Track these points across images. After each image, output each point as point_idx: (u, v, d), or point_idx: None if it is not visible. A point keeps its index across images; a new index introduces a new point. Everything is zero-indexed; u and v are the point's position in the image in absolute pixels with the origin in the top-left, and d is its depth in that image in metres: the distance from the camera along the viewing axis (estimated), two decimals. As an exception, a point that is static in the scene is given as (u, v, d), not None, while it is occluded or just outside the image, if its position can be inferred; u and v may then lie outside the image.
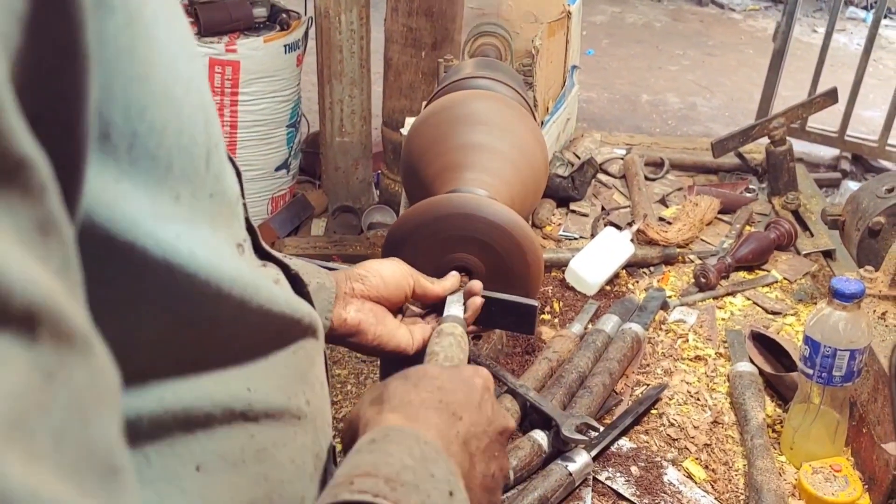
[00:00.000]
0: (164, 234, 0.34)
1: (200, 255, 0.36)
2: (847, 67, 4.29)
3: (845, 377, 0.98)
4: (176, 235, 0.35)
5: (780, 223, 1.47)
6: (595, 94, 4.49)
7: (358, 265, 0.78)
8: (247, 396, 0.42)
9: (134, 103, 0.32)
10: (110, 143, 0.32)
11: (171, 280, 0.35)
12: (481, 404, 0.56)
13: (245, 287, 0.40)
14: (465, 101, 1.09)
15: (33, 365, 0.23)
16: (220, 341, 0.40)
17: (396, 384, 0.53)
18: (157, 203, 0.34)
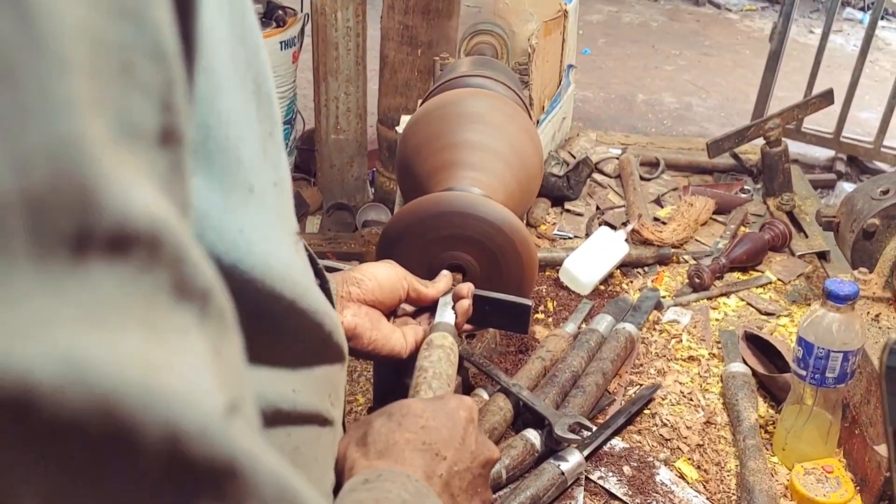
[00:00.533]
0: (229, 227, 0.34)
1: (258, 252, 0.36)
2: (843, 68, 4.30)
3: (838, 379, 0.98)
4: (239, 230, 0.34)
5: (775, 224, 1.47)
6: (591, 93, 4.49)
7: (354, 268, 0.78)
8: (293, 398, 0.43)
9: (206, 96, 0.32)
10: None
11: (230, 274, 0.34)
12: (465, 439, 0.56)
13: (295, 286, 0.39)
14: (461, 99, 1.09)
15: (207, 339, 0.25)
16: (271, 340, 0.40)
17: (381, 423, 0.53)
18: (230, 196, 0.34)
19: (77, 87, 0.21)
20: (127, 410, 0.21)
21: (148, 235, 0.23)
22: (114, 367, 0.21)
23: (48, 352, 0.20)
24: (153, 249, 0.23)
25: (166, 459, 0.23)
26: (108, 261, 0.22)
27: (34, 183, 0.20)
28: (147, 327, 0.23)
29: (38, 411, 0.20)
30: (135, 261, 0.23)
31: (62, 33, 0.21)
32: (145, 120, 0.24)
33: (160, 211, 0.23)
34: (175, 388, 0.23)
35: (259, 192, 0.36)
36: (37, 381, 0.20)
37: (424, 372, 0.69)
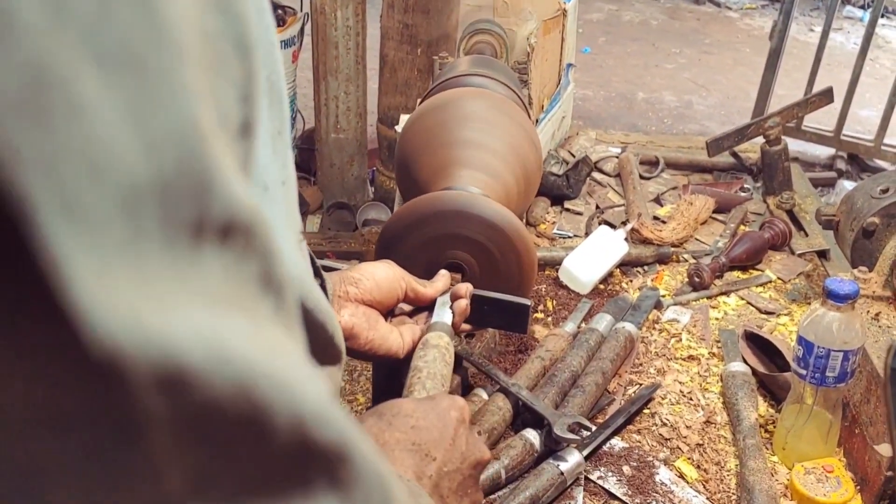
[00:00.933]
0: None
1: None
2: (844, 66, 4.29)
3: (838, 378, 0.98)
4: None
5: (775, 223, 1.46)
6: (591, 91, 4.48)
7: (352, 268, 0.78)
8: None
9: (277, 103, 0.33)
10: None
11: None
12: (455, 440, 0.56)
13: (302, 285, 0.39)
14: (460, 98, 1.09)
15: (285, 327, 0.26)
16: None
17: (371, 423, 0.53)
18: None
19: (193, 76, 0.21)
20: (261, 394, 0.22)
21: (246, 225, 0.23)
22: (249, 351, 0.22)
23: (196, 333, 0.20)
24: (250, 239, 0.24)
25: (293, 442, 0.24)
26: (219, 247, 0.22)
27: (164, 169, 0.20)
28: (247, 314, 0.24)
29: (190, 391, 0.20)
30: (237, 248, 0.23)
31: (179, 22, 0.21)
32: (232, 111, 0.24)
33: (253, 201, 0.24)
34: (294, 372, 0.24)
35: (272, 188, 0.36)
36: (190, 362, 0.20)
37: (419, 372, 0.69)
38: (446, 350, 0.73)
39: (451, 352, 0.74)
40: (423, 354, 0.72)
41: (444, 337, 0.75)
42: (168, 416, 0.20)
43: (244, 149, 0.26)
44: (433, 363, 0.70)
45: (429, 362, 0.70)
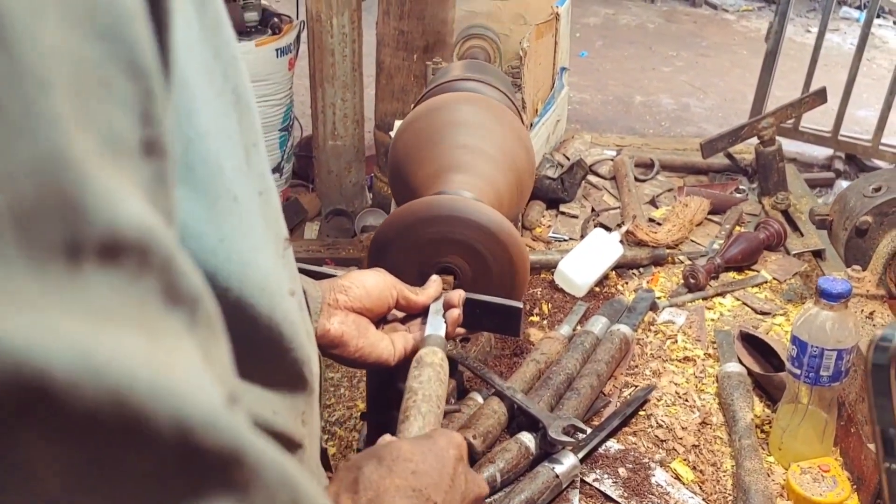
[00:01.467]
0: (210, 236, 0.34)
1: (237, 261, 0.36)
2: (840, 67, 4.30)
3: (833, 377, 0.98)
4: (220, 239, 0.35)
5: (770, 223, 1.47)
6: (588, 95, 4.49)
7: (342, 276, 0.78)
8: (272, 419, 0.42)
9: (183, 110, 0.32)
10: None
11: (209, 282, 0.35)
12: (454, 479, 0.56)
13: (272, 296, 0.39)
14: (452, 103, 1.09)
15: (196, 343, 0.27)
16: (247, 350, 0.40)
17: (371, 468, 0.53)
18: (213, 206, 0.34)
19: (59, 105, 0.22)
20: (138, 402, 0.23)
21: (137, 244, 0.24)
22: (123, 362, 0.23)
23: (61, 347, 0.21)
24: (143, 257, 0.24)
25: (178, 448, 0.24)
26: (103, 267, 0.23)
27: (20, 196, 0.21)
28: (144, 329, 0.24)
29: (55, 403, 0.21)
30: (127, 267, 0.24)
31: (41, 56, 0.22)
32: (127, 132, 0.25)
33: (148, 220, 0.24)
34: (180, 381, 0.24)
35: (244, 201, 0.36)
36: (53, 375, 0.21)
37: (414, 394, 0.69)
38: (441, 368, 0.73)
39: (445, 368, 0.74)
40: (417, 374, 0.72)
41: (439, 353, 0.75)
42: (35, 425, 0.21)
43: (151, 167, 0.26)
44: (428, 384, 0.70)
45: (423, 383, 0.70)
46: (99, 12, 0.24)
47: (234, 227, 0.36)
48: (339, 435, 2.02)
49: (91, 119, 0.23)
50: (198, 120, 0.33)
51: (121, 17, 0.24)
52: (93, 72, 0.24)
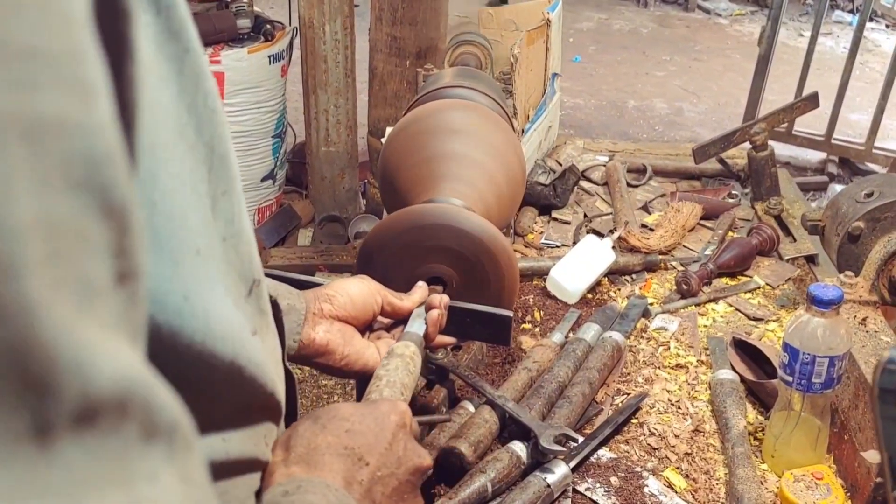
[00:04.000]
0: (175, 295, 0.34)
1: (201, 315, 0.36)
2: (833, 71, 4.31)
3: (825, 384, 0.97)
4: (184, 296, 0.34)
5: (763, 229, 1.46)
6: (582, 100, 4.49)
7: (326, 285, 0.78)
8: (224, 447, 0.42)
9: (149, 175, 0.32)
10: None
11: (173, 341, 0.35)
12: (392, 444, 0.56)
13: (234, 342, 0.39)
14: (442, 110, 1.09)
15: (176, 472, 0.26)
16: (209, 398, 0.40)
17: (305, 427, 0.53)
18: (177, 264, 0.34)
19: (30, 286, 0.22)
20: None
21: (115, 399, 0.24)
22: None
23: None
24: (122, 409, 0.24)
25: None
26: (78, 435, 0.23)
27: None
28: (123, 487, 0.24)
29: None
30: (103, 425, 0.23)
31: (15, 234, 0.21)
32: (101, 274, 0.24)
33: (127, 366, 0.24)
34: None
35: (206, 251, 0.36)
36: None
37: (378, 380, 0.69)
38: (411, 360, 0.73)
39: (416, 361, 0.73)
40: (386, 363, 0.72)
41: (411, 346, 0.74)
42: None
43: (123, 294, 0.26)
44: (394, 371, 0.70)
45: (390, 371, 0.70)
46: (74, 163, 0.23)
47: (199, 280, 0.35)
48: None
49: (65, 278, 0.23)
50: (163, 182, 0.33)
51: (97, 164, 0.24)
52: (67, 227, 0.23)
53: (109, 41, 0.26)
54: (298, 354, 0.72)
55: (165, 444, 0.26)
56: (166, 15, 0.31)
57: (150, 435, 0.26)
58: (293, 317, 0.71)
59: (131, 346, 0.26)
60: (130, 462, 0.25)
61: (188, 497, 0.27)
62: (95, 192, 0.24)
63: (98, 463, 0.23)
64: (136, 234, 0.26)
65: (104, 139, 0.24)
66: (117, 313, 0.25)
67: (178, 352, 0.35)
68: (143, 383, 0.25)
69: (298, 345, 0.71)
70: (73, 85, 0.23)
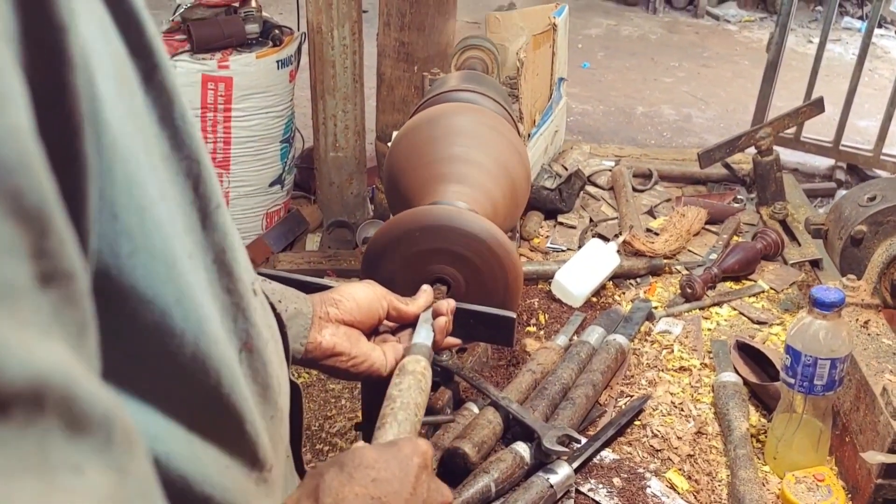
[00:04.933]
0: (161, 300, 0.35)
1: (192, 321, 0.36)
2: (842, 77, 4.30)
3: (827, 386, 0.98)
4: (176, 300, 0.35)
5: (767, 233, 1.47)
6: (590, 106, 4.50)
7: (333, 289, 0.79)
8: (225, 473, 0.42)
9: (126, 182, 0.33)
10: (120, 222, 0.33)
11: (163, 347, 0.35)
12: (416, 488, 0.56)
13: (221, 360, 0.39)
14: (447, 114, 1.10)
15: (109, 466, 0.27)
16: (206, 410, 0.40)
17: (332, 475, 0.53)
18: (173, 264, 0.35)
19: None
20: None
21: (28, 389, 0.24)
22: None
23: None
24: (36, 400, 0.24)
25: None
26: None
27: None
28: (40, 476, 0.24)
29: None
30: (17, 417, 0.24)
31: None
32: (16, 275, 0.25)
33: (42, 358, 0.25)
34: None
35: (195, 257, 0.37)
36: None
37: (392, 402, 0.69)
38: (422, 377, 0.73)
39: (427, 377, 0.74)
40: (398, 382, 0.72)
41: (422, 361, 0.75)
42: None
43: (52, 295, 0.26)
44: (407, 391, 0.70)
45: (403, 391, 0.70)
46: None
47: (191, 285, 0.36)
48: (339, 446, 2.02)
49: None
50: (146, 190, 0.34)
51: (6, 170, 0.24)
52: None
53: (40, 53, 0.27)
54: (305, 358, 0.74)
55: (99, 436, 0.27)
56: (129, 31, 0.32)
57: (76, 428, 0.26)
58: (300, 321, 0.72)
59: (65, 344, 0.27)
60: (49, 453, 0.25)
61: (122, 487, 0.27)
62: (5, 196, 0.24)
63: (10, 452, 0.24)
64: (61, 237, 0.27)
65: (15, 145, 0.25)
66: (43, 314, 0.26)
67: (170, 352, 0.35)
68: (62, 377, 0.25)
69: (305, 348, 0.73)
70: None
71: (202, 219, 0.37)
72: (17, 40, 0.26)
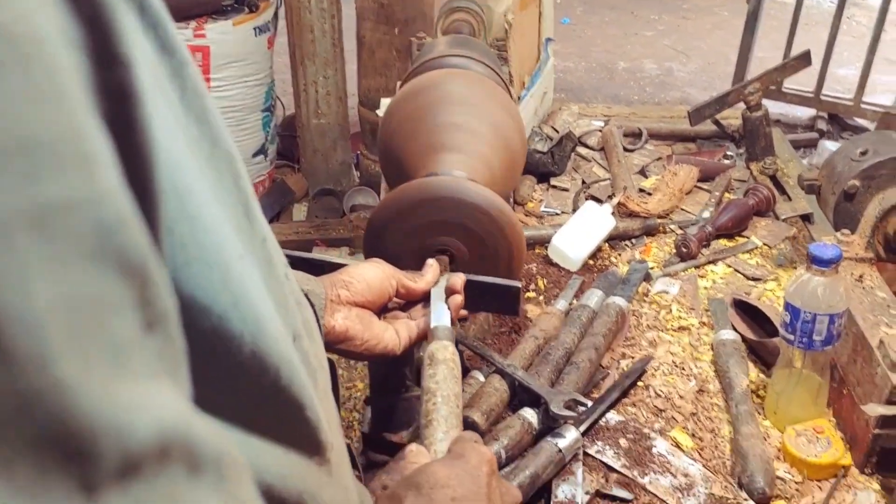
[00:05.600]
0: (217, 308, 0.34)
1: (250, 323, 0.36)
2: (822, 26, 4.29)
3: (825, 341, 1.00)
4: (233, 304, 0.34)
5: (759, 189, 1.48)
6: (572, 63, 4.47)
7: (341, 270, 0.78)
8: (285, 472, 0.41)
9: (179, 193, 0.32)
10: (175, 235, 0.32)
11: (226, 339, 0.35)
12: (491, 498, 0.57)
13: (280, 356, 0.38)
14: (439, 81, 1.08)
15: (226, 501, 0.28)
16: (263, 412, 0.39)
17: (412, 500, 0.54)
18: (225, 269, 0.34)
19: (62, 367, 0.22)
20: None
21: (156, 448, 0.24)
22: None
23: None
24: (164, 454, 0.25)
25: None
26: (122, 486, 0.24)
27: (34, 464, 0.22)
28: None
29: None
30: (148, 473, 0.24)
31: (36, 324, 0.22)
32: (128, 331, 0.25)
33: (165, 414, 0.25)
34: None
35: (248, 257, 0.36)
36: None
37: (433, 396, 0.69)
38: (454, 363, 0.73)
39: (457, 362, 0.74)
40: (433, 374, 0.72)
41: (449, 347, 0.75)
42: None
43: (156, 338, 0.26)
44: (444, 383, 0.70)
45: (440, 383, 0.70)
46: (85, 237, 0.23)
47: (246, 286, 0.35)
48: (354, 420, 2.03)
49: (93, 347, 0.23)
50: (196, 197, 0.33)
51: (108, 231, 0.24)
52: (87, 298, 0.24)
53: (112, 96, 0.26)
54: None
55: (212, 473, 0.27)
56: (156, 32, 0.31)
57: (196, 469, 0.27)
58: (314, 301, 0.72)
59: (172, 382, 0.27)
60: (176, 499, 0.26)
61: None
62: (111, 258, 0.24)
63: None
64: (157, 281, 0.27)
65: (113, 205, 0.24)
66: (152, 359, 0.26)
67: (230, 356, 0.35)
68: (182, 425, 0.26)
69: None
70: (75, 164, 0.23)
71: (246, 213, 0.37)
72: (92, 90, 0.25)
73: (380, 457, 0.98)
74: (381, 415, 1.01)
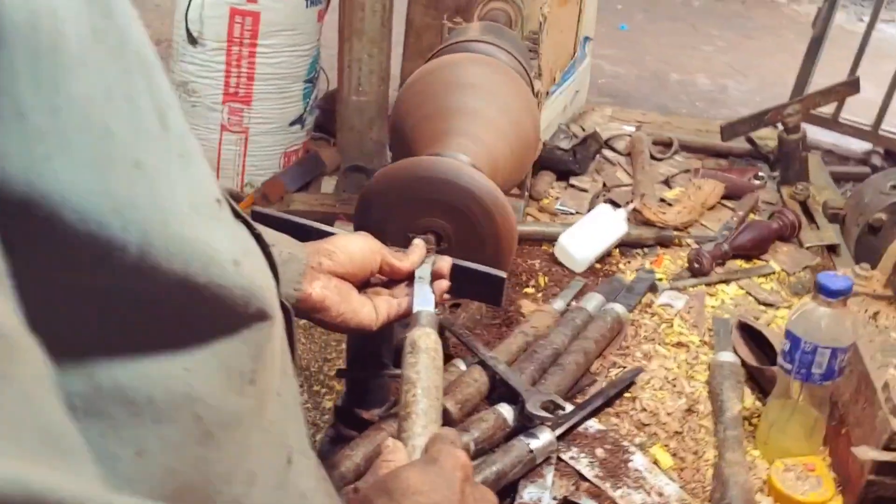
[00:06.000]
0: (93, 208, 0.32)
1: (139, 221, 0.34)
2: (892, 59, 4.15)
3: (825, 375, 0.95)
4: (113, 209, 0.33)
5: (785, 213, 1.42)
6: (623, 69, 4.39)
7: (326, 240, 0.77)
8: (185, 377, 0.40)
9: (45, 80, 0.30)
10: (28, 122, 0.30)
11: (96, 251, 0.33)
12: (464, 502, 0.56)
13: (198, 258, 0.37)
14: (459, 63, 1.06)
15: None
16: (156, 319, 0.38)
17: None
18: (105, 171, 0.32)
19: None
20: None
21: None
22: None
23: None
24: None
25: None
26: None
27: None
28: None
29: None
30: None
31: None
32: None
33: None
34: None
35: (150, 166, 0.34)
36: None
37: (413, 387, 0.67)
38: (435, 353, 0.71)
39: (439, 352, 0.72)
40: (413, 362, 0.69)
41: (432, 335, 0.72)
42: None
43: None
44: (425, 373, 0.68)
45: (420, 373, 0.68)
46: None
47: (138, 195, 0.33)
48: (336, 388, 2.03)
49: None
50: (73, 86, 0.31)
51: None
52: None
53: None
54: (295, 308, 0.72)
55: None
56: None
57: None
58: (294, 266, 0.70)
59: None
60: None
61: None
62: None
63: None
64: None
65: None
66: None
67: (111, 263, 0.33)
68: None
69: (297, 296, 0.71)
70: None
71: (160, 120, 0.35)
72: None
73: (350, 432, 0.96)
74: (355, 389, 0.99)
